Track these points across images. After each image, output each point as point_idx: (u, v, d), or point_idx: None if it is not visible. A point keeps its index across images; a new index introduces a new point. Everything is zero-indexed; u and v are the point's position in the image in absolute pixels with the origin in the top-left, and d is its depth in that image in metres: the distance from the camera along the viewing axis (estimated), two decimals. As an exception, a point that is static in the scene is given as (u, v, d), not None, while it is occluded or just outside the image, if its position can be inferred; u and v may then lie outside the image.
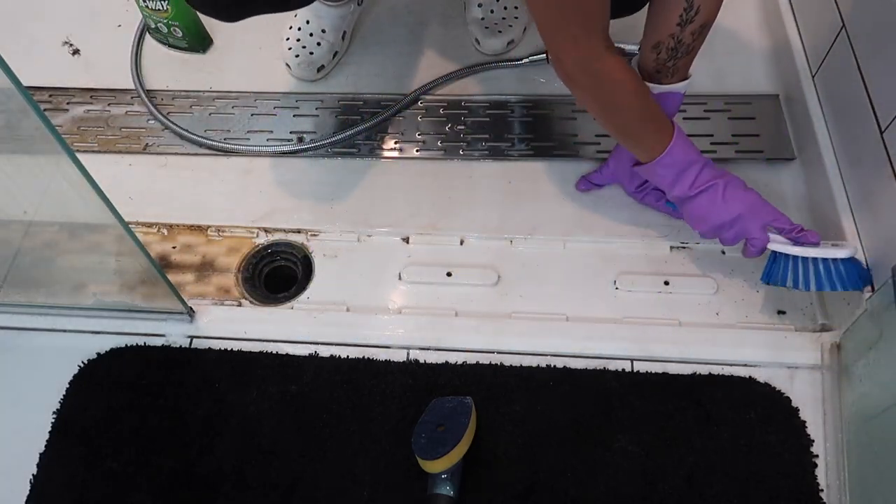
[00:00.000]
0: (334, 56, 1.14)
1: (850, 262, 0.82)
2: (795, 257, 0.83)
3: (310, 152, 1.07)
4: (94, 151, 1.09)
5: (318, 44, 1.12)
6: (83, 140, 1.10)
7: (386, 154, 1.07)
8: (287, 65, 1.13)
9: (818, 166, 0.95)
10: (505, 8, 1.15)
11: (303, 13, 1.13)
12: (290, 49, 1.12)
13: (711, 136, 1.05)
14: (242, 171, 1.06)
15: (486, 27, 1.14)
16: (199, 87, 1.16)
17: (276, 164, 1.06)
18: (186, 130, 1.09)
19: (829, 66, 0.97)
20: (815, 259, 0.82)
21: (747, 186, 0.86)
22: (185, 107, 1.13)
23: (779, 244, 0.84)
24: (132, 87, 1.15)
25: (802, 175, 1.01)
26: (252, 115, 1.11)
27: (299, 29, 1.13)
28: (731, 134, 1.05)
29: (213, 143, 1.08)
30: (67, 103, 1.14)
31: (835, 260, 0.81)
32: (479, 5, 1.15)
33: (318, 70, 1.12)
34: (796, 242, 0.83)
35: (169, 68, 1.18)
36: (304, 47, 1.12)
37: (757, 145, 1.04)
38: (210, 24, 1.21)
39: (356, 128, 1.07)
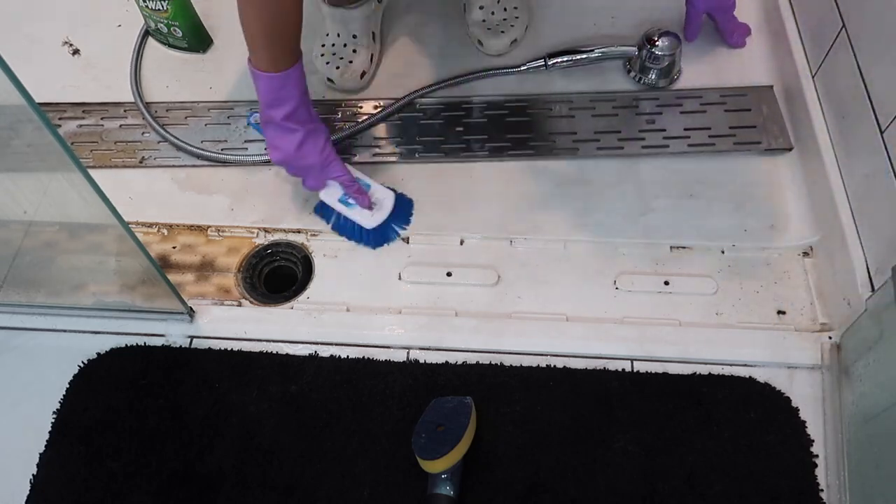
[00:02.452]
0: (372, 59, 1.12)
1: (377, 229, 0.96)
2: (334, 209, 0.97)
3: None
4: (89, 167, 1.07)
5: (354, 51, 1.11)
6: (78, 155, 1.09)
7: (386, 157, 1.07)
8: (329, 80, 1.11)
9: (816, 159, 0.96)
10: (505, 9, 1.15)
11: (330, 27, 1.12)
12: (328, 63, 1.11)
13: (709, 129, 1.05)
14: (242, 178, 1.06)
15: (489, 28, 1.14)
16: (199, 88, 1.16)
17: (275, 169, 1.06)
18: (184, 142, 1.08)
19: (829, 66, 0.98)
20: (347, 218, 0.97)
21: (329, 140, 0.91)
22: (180, 118, 1.12)
23: (327, 196, 0.96)
24: (127, 98, 1.14)
25: (800, 165, 1.01)
26: (248, 124, 1.11)
27: (333, 45, 1.11)
28: (729, 126, 1.05)
29: (211, 154, 1.07)
30: (59, 118, 1.13)
31: (362, 227, 0.96)
32: (481, 7, 1.15)
33: (362, 76, 1.11)
34: (345, 203, 0.95)
35: (169, 69, 1.18)
36: (341, 58, 1.10)
37: (754, 136, 1.04)
38: (210, 24, 1.21)
39: (348, 130, 1.07)
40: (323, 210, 0.99)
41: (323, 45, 1.12)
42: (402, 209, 0.99)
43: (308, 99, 0.88)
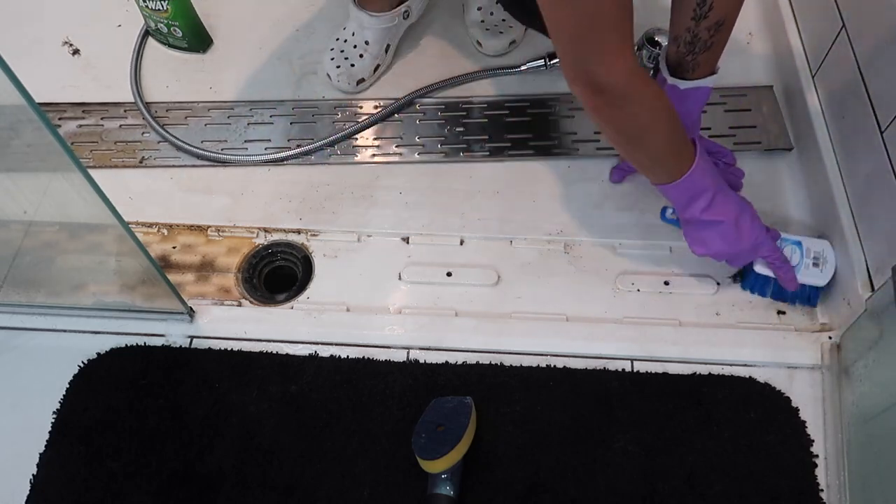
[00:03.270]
0: (376, 69, 1.12)
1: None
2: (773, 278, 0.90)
3: (312, 156, 1.07)
4: (89, 167, 1.08)
5: (361, 56, 1.11)
6: (78, 155, 1.09)
7: (386, 158, 1.07)
8: (328, 75, 1.11)
9: (816, 159, 0.96)
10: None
11: (349, 26, 1.12)
12: (332, 59, 1.11)
13: (709, 129, 1.05)
14: (242, 178, 1.06)
15: (487, 29, 1.14)
16: (199, 88, 1.16)
17: (275, 169, 1.06)
18: (184, 142, 1.08)
19: (829, 66, 0.98)
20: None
21: (754, 216, 0.85)
22: (180, 118, 1.12)
23: (764, 269, 0.89)
24: (127, 98, 1.14)
25: (800, 166, 1.01)
26: (248, 124, 1.11)
27: (345, 41, 1.11)
28: (728, 126, 1.05)
29: (211, 154, 1.07)
30: (59, 118, 1.13)
31: (812, 287, 0.90)
32: (479, 8, 1.15)
33: (359, 83, 1.11)
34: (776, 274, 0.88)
35: (169, 69, 1.18)
36: (346, 58, 1.11)
37: (754, 136, 1.04)
38: (210, 24, 1.21)
39: (348, 130, 1.07)
40: (756, 281, 0.91)
41: (336, 40, 1.12)
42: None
43: (723, 184, 0.83)
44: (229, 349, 0.91)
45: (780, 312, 0.91)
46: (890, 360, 0.76)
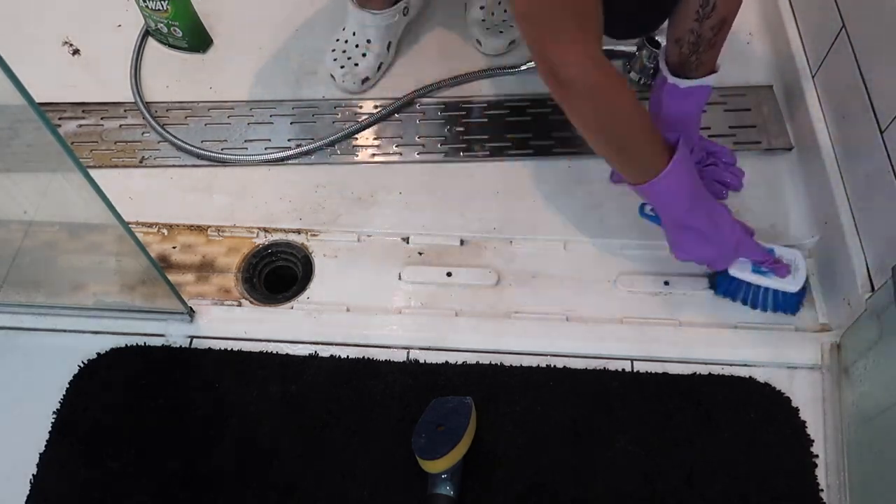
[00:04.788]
0: (379, 67, 1.12)
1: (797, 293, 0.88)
2: (749, 283, 0.89)
3: (312, 156, 1.07)
4: (89, 167, 1.08)
5: (364, 55, 1.10)
6: (78, 155, 1.09)
7: (386, 157, 1.07)
8: (332, 76, 1.11)
9: (816, 159, 0.96)
10: (505, 10, 1.15)
11: (349, 25, 1.11)
12: (335, 60, 1.11)
13: (709, 128, 1.05)
14: (242, 178, 1.06)
15: (487, 28, 1.14)
16: (199, 88, 1.16)
17: (275, 169, 1.06)
18: (184, 142, 1.08)
19: (829, 66, 0.98)
20: (766, 288, 0.88)
21: (734, 219, 0.85)
22: (180, 118, 1.12)
23: (738, 271, 0.87)
24: (127, 98, 1.14)
25: (800, 166, 1.01)
26: (248, 124, 1.11)
27: (346, 41, 1.11)
28: (728, 126, 1.05)
29: (212, 154, 1.07)
30: (59, 118, 1.13)
31: (785, 292, 0.88)
32: (481, 7, 1.15)
33: (364, 82, 1.11)
34: (757, 271, 0.87)
35: (169, 69, 1.18)
36: (349, 58, 1.10)
37: (754, 136, 1.04)
38: (210, 24, 1.21)
39: (348, 129, 1.07)
40: (726, 285, 0.90)
41: (337, 41, 1.12)
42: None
43: (701, 190, 0.81)
44: (229, 349, 0.91)
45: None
46: (890, 360, 0.76)
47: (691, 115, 0.89)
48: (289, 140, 1.08)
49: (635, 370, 0.88)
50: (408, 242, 0.99)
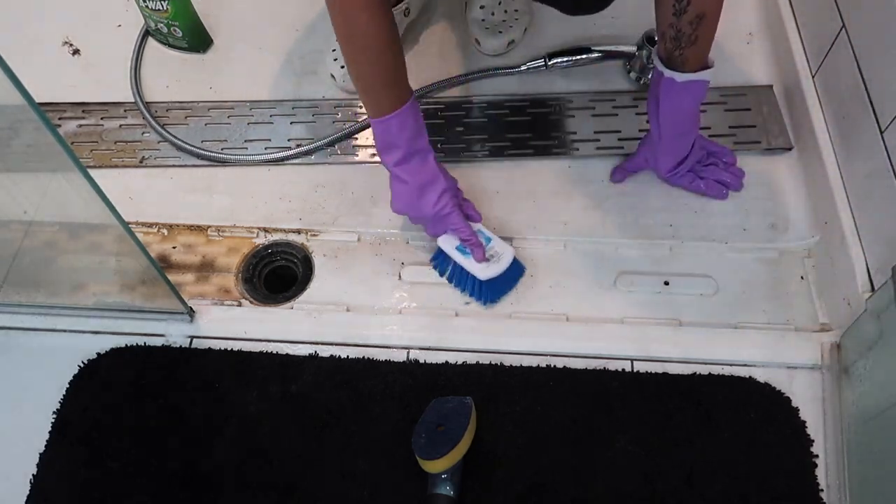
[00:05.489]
0: None
1: (490, 282, 0.91)
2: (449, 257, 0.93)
3: (312, 156, 1.07)
4: (89, 167, 1.08)
5: None
6: (78, 155, 1.09)
7: (386, 154, 1.07)
8: (332, 76, 1.11)
9: (816, 159, 0.96)
10: (506, 11, 1.15)
11: None
12: (335, 60, 1.11)
13: (709, 128, 1.05)
14: (242, 178, 1.06)
15: (487, 28, 1.14)
16: (199, 88, 1.16)
17: (275, 169, 1.06)
18: (184, 142, 1.08)
19: (829, 66, 0.98)
20: (462, 268, 0.92)
21: (449, 195, 0.88)
22: (180, 118, 1.12)
23: (444, 242, 0.92)
24: (127, 98, 1.14)
25: (800, 166, 1.01)
26: (248, 124, 1.11)
27: None
28: (728, 126, 1.05)
29: (212, 154, 1.07)
30: (59, 118, 1.13)
31: (476, 279, 0.91)
32: (482, 7, 1.15)
33: None
34: (461, 250, 0.91)
35: (169, 69, 1.18)
36: None
37: (754, 136, 1.04)
38: (210, 24, 1.21)
39: (348, 129, 1.07)
40: (439, 258, 0.95)
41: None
42: (515, 272, 0.94)
43: (423, 150, 0.87)
44: (229, 349, 0.91)
45: (780, 311, 0.91)
46: (890, 360, 0.76)
47: (689, 110, 0.89)
48: (289, 140, 1.08)
49: (635, 370, 0.88)
50: (408, 242, 0.99)
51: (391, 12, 0.80)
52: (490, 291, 0.92)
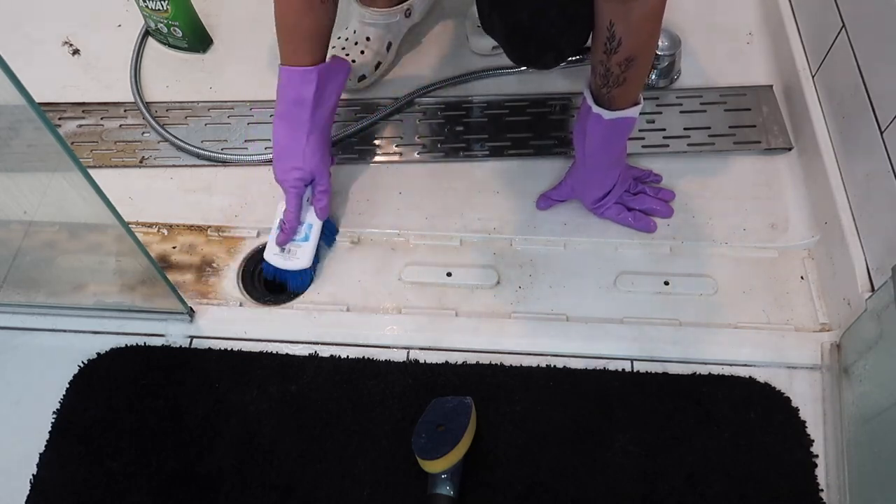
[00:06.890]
0: (377, 66, 1.12)
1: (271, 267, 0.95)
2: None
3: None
4: (89, 167, 1.07)
5: (362, 52, 1.10)
6: (78, 155, 1.08)
7: (386, 157, 1.07)
8: None
9: (816, 159, 0.96)
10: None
11: (351, 23, 1.11)
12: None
13: (709, 128, 1.05)
14: (242, 178, 1.06)
15: (478, 26, 1.14)
16: (199, 88, 1.16)
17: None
18: (184, 142, 1.08)
19: (829, 66, 0.98)
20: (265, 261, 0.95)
21: (287, 168, 0.91)
22: (180, 118, 1.12)
23: (279, 210, 0.95)
24: (127, 98, 1.14)
25: (800, 166, 1.01)
26: (248, 124, 1.11)
27: (346, 39, 1.11)
28: (728, 126, 1.05)
29: (212, 154, 1.07)
30: (59, 118, 1.13)
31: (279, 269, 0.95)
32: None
33: (360, 80, 1.10)
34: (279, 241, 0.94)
35: (169, 69, 1.18)
36: (347, 55, 1.10)
37: (754, 136, 1.04)
38: (210, 24, 1.21)
39: (348, 130, 1.07)
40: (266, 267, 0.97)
41: (338, 38, 1.12)
42: (295, 281, 0.96)
43: (302, 121, 0.89)
44: (229, 349, 0.91)
45: (780, 312, 0.91)
46: (890, 360, 0.76)
47: (615, 146, 0.88)
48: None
49: (635, 370, 0.88)
50: (408, 242, 0.99)
51: None
52: (270, 269, 0.95)
